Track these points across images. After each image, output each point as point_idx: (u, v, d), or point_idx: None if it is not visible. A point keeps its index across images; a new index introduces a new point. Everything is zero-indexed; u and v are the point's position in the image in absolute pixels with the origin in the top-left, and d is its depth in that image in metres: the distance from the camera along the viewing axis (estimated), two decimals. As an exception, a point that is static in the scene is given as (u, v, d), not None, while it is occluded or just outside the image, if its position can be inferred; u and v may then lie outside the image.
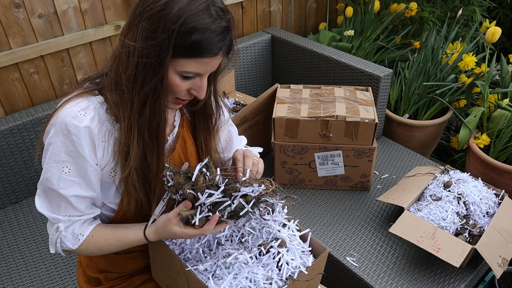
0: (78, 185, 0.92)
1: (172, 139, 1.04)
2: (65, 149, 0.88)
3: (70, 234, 0.96)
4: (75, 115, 0.86)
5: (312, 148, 1.67)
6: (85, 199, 0.95)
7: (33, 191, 1.74)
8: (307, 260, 0.94)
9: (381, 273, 1.42)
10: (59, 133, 0.87)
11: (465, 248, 1.32)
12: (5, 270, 1.45)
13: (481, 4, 2.44)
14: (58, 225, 0.95)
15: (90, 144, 0.89)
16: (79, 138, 0.87)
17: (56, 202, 0.93)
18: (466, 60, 2.02)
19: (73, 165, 0.89)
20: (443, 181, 1.58)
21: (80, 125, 0.86)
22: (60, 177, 0.90)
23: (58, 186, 0.90)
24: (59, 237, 0.96)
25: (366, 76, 1.95)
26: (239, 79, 2.28)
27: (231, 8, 2.25)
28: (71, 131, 0.86)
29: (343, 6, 2.66)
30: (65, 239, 0.96)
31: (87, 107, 0.88)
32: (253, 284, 0.88)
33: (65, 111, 0.87)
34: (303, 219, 1.63)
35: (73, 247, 0.96)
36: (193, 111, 1.07)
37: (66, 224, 0.95)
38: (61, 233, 0.95)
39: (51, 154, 0.89)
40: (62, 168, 0.89)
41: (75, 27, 1.77)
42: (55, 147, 0.88)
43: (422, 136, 2.18)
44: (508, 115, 1.87)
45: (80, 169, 0.90)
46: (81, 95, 0.90)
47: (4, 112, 1.72)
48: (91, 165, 0.91)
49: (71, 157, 0.89)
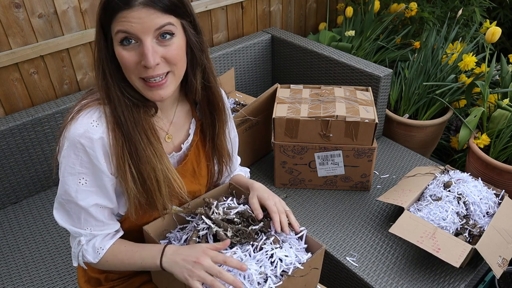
0: (96, 194, 0.92)
1: (187, 146, 1.03)
2: (80, 161, 0.88)
3: (91, 247, 0.96)
4: (87, 127, 0.86)
5: (312, 148, 1.67)
6: (104, 208, 0.95)
7: (33, 191, 1.74)
8: (302, 257, 0.95)
9: (381, 273, 1.42)
10: (73, 146, 0.87)
11: (465, 248, 1.32)
12: (5, 270, 1.45)
13: (481, 4, 2.44)
14: (80, 239, 0.96)
15: (104, 154, 0.89)
16: (94, 150, 0.87)
17: (75, 214, 0.93)
18: (466, 60, 2.02)
19: (89, 176, 0.90)
20: (443, 181, 1.58)
21: (93, 137, 0.86)
22: (77, 189, 0.90)
23: (77, 198, 0.90)
24: (81, 251, 0.97)
25: (366, 76, 1.95)
26: (239, 79, 2.28)
27: (231, 8, 2.25)
28: (85, 144, 0.86)
29: (343, 6, 2.66)
30: (86, 253, 0.96)
31: (99, 118, 0.88)
32: (247, 280, 0.89)
33: (78, 124, 0.87)
34: (303, 219, 1.63)
35: (94, 261, 0.97)
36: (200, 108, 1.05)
37: (88, 238, 0.96)
38: (82, 247, 0.96)
39: (66, 167, 0.89)
40: (78, 180, 0.89)
41: (75, 27, 1.77)
42: (70, 160, 0.88)
43: (422, 136, 2.18)
44: (508, 115, 1.87)
45: (97, 179, 0.90)
46: (91, 105, 0.90)
47: (4, 112, 1.72)
48: (107, 175, 0.91)
49: (86, 168, 0.89)
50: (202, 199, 1.07)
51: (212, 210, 1.00)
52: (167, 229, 1.05)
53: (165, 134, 1.00)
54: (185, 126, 1.04)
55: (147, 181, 0.93)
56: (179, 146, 1.03)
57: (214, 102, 1.02)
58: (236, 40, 2.26)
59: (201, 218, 0.99)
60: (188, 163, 1.04)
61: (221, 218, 0.98)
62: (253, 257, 0.93)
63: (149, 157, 0.92)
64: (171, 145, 1.02)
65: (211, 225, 0.96)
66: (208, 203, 1.03)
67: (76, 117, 0.88)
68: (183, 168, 1.03)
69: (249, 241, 0.95)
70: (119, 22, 0.82)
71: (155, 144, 0.93)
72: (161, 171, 0.94)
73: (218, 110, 1.04)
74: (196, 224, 1.01)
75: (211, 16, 2.20)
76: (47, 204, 1.71)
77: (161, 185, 0.95)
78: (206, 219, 0.97)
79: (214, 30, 2.25)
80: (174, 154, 1.02)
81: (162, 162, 0.94)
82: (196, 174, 1.07)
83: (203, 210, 1.00)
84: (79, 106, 0.91)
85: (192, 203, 1.07)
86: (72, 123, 0.88)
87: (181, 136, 1.04)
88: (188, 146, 1.03)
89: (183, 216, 1.06)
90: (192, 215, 1.05)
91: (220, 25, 2.26)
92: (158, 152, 0.94)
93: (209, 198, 1.05)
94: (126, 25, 0.82)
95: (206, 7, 2.12)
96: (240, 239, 0.94)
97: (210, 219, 0.98)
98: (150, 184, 0.94)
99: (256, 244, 0.94)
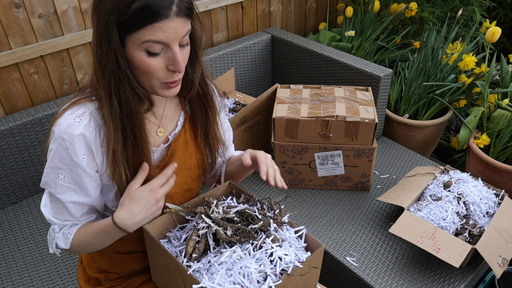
0: (74, 191, 0.93)
1: (174, 136, 1.04)
2: (60, 156, 0.89)
3: (61, 234, 0.99)
4: (70, 123, 0.87)
5: (312, 148, 1.67)
6: (82, 205, 0.97)
7: (33, 191, 1.74)
8: (302, 256, 0.95)
9: (381, 273, 1.42)
10: (56, 140, 0.89)
11: (465, 248, 1.32)
12: (5, 270, 1.45)
13: (481, 4, 2.44)
14: (53, 227, 1.00)
15: (87, 150, 0.90)
16: (73, 145, 0.88)
17: (55, 204, 0.96)
18: (466, 60, 2.02)
19: (67, 172, 0.91)
20: (443, 181, 1.58)
21: (74, 133, 0.87)
22: (56, 183, 0.92)
23: (56, 191, 0.93)
24: (54, 238, 1.00)
25: (366, 76, 1.95)
26: (239, 79, 2.28)
27: (231, 8, 2.25)
28: (65, 139, 0.87)
29: (343, 6, 2.66)
30: (58, 240, 0.99)
31: (83, 114, 0.89)
32: (247, 279, 0.89)
33: (62, 119, 0.88)
34: (303, 219, 1.63)
35: (66, 247, 0.99)
36: (189, 101, 1.06)
37: (60, 226, 0.99)
38: (56, 235, 0.99)
39: (49, 160, 0.91)
40: (58, 174, 0.91)
41: (75, 27, 1.77)
42: (52, 154, 0.90)
43: (422, 136, 2.18)
44: (508, 115, 1.87)
45: (75, 176, 0.92)
46: (78, 101, 0.91)
47: (4, 112, 1.72)
48: (86, 172, 0.91)
49: (65, 164, 0.90)
50: (201, 198, 1.07)
51: (212, 209, 1.00)
52: (167, 228, 1.05)
53: (157, 128, 1.01)
54: (174, 119, 1.05)
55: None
56: (167, 137, 1.04)
57: (206, 93, 1.04)
58: (236, 40, 2.26)
59: (201, 217, 0.99)
60: (175, 155, 1.03)
61: (220, 217, 0.98)
62: (253, 255, 0.93)
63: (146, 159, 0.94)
64: (162, 138, 1.03)
65: (210, 224, 0.96)
66: (208, 202, 1.03)
67: (62, 113, 0.89)
68: (170, 160, 1.03)
69: (248, 240, 0.95)
70: (151, 31, 0.81)
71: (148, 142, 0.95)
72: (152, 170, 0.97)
73: (210, 101, 1.06)
74: (196, 223, 1.01)
75: (211, 16, 2.20)
76: (47, 204, 1.71)
77: None
78: (206, 218, 0.98)
79: (214, 30, 2.25)
80: (162, 146, 1.03)
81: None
82: (182, 166, 1.07)
83: (203, 209, 1.00)
84: (68, 103, 0.92)
85: (192, 202, 1.07)
86: (57, 119, 0.89)
87: (171, 129, 1.05)
88: (175, 136, 1.04)
89: (183, 215, 1.06)
90: (191, 214, 1.05)
91: (220, 25, 2.26)
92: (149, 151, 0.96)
93: (209, 197, 1.06)
94: (160, 35, 0.82)
95: (206, 7, 2.12)
96: (239, 238, 0.94)
97: (210, 218, 0.98)
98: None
99: (255, 243, 0.94)
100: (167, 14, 0.80)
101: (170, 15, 0.81)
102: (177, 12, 0.81)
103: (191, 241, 0.96)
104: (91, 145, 0.90)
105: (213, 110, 1.07)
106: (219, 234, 0.95)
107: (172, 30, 0.82)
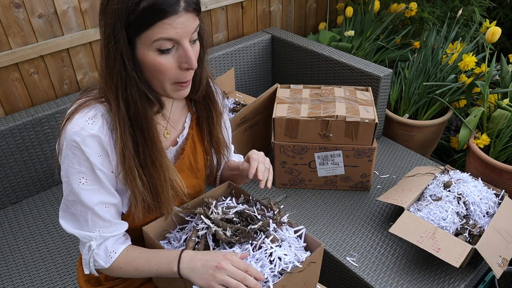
0: (98, 192, 0.91)
1: (182, 140, 1.04)
2: (78, 160, 0.88)
3: (103, 251, 0.95)
4: (83, 125, 0.86)
5: (312, 148, 1.67)
6: (109, 206, 0.94)
7: (33, 191, 1.74)
8: (301, 256, 0.95)
9: (381, 273, 1.42)
10: (70, 145, 0.87)
11: (465, 248, 1.32)
12: (5, 270, 1.45)
13: (481, 4, 2.44)
14: (90, 244, 0.95)
15: (102, 152, 0.89)
16: (89, 147, 0.87)
17: (82, 216, 0.92)
18: (466, 60, 2.02)
19: (88, 175, 0.89)
20: (443, 181, 1.58)
21: (88, 134, 0.86)
22: (79, 189, 0.90)
23: (80, 198, 0.90)
24: (92, 256, 0.95)
25: (366, 76, 1.95)
26: (239, 79, 2.28)
27: (231, 8, 2.25)
28: (79, 141, 0.86)
29: (343, 6, 2.66)
30: (97, 257, 0.95)
31: (95, 116, 0.88)
32: None
33: (73, 123, 0.87)
34: (303, 219, 1.63)
35: (106, 265, 0.96)
36: (195, 102, 1.06)
37: (98, 241, 0.95)
38: (93, 252, 0.95)
39: (68, 168, 0.89)
40: (79, 179, 0.89)
41: (75, 27, 1.77)
42: (68, 160, 0.88)
43: (422, 136, 2.18)
44: (508, 115, 1.87)
45: (96, 177, 0.90)
46: (87, 103, 0.89)
47: (4, 112, 1.72)
48: (104, 172, 0.90)
49: (84, 167, 0.88)
50: (201, 199, 1.07)
51: (211, 210, 1.00)
52: (167, 229, 1.05)
53: (164, 130, 1.01)
54: (181, 120, 1.04)
55: (157, 185, 0.94)
56: (175, 140, 1.04)
57: (210, 95, 1.04)
58: (236, 40, 2.26)
59: (200, 218, 0.99)
60: (185, 157, 1.04)
61: (220, 217, 0.98)
62: (252, 256, 0.93)
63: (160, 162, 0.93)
64: (169, 140, 1.03)
65: (210, 225, 0.96)
66: (207, 203, 1.03)
67: (72, 117, 0.88)
68: (181, 163, 1.04)
69: (248, 240, 0.95)
70: (161, 28, 0.81)
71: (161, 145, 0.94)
72: (167, 172, 0.95)
73: (214, 103, 1.06)
74: (195, 224, 1.01)
75: (211, 16, 2.20)
76: (47, 204, 1.71)
77: (168, 187, 0.95)
78: (205, 219, 0.98)
79: (214, 30, 2.25)
80: (171, 149, 1.03)
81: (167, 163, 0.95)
82: (193, 168, 1.07)
83: (202, 210, 1.00)
84: (75, 105, 0.91)
85: (191, 203, 1.07)
86: (68, 123, 0.88)
87: (178, 131, 1.04)
88: (184, 140, 1.04)
89: (182, 216, 1.06)
90: (191, 215, 1.05)
91: (220, 25, 2.26)
92: (164, 152, 0.94)
93: (208, 198, 1.06)
94: (170, 32, 0.81)
95: (206, 7, 2.12)
96: (239, 239, 0.94)
97: (209, 219, 0.98)
98: (159, 186, 0.94)
99: (255, 243, 0.95)
100: (175, 10, 0.80)
101: (178, 11, 0.81)
102: (186, 8, 0.82)
103: (190, 242, 0.96)
104: (106, 148, 0.89)
105: (217, 111, 1.07)
106: (218, 234, 0.95)
107: (182, 26, 0.82)
